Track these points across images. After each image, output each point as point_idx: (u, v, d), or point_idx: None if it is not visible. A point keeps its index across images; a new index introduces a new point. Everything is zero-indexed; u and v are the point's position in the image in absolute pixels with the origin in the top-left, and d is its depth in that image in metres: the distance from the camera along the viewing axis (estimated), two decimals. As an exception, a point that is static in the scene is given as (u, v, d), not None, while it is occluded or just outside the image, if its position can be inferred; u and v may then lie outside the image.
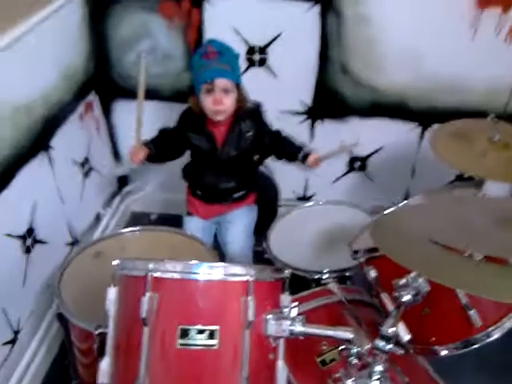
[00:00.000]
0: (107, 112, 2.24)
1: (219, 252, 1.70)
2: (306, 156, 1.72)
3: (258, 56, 2.04)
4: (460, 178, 2.12)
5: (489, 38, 1.86)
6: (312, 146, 2.16)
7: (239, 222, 1.82)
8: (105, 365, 0.98)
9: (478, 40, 1.87)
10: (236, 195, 1.80)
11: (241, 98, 1.65)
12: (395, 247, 1.01)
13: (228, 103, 1.60)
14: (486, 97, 1.98)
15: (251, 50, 2.03)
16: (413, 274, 1.00)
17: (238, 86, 1.63)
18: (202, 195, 1.81)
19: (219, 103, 1.58)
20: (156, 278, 0.91)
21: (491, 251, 0.96)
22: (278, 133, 1.78)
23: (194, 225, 1.82)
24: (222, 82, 1.56)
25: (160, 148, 1.73)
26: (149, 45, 2.06)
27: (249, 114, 1.70)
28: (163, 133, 1.77)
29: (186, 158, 1.82)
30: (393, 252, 0.98)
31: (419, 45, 1.91)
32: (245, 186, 1.81)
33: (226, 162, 1.71)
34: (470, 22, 1.84)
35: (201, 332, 0.90)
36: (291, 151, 1.76)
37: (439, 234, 1.00)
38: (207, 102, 1.59)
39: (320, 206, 1.88)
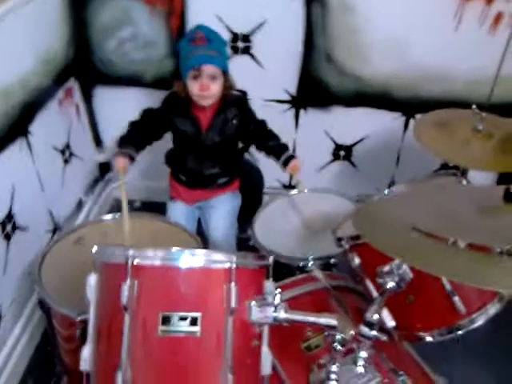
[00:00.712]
0: (88, 98, 2.20)
1: (203, 238, 1.69)
2: (287, 160, 1.72)
3: (241, 44, 2.02)
4: (445, 166, 2.12)
5: (472, 29, 1.86)
6: (297, 134, 2.18)
7: (222, 208, 1.81)
8: (87, 352, 0.97)
9: (462, 31, 1.87)
10: (220, 181, 1.79)
11: (227, 85, 1.64)
12: (377, 235, 1.00)
13: (214, 89, 1.59)
14: (469, 87, 1.98)
15: (235, 38, 2.00)
16: (397, 261, 1.00)
17: (225, 72, 1.62)
18: (185, 180, 1.80)
19: (206, 89, 1.57)
20: (136, 265, 0.90)
21: (475, 239, 0.96)
22: (263, 123, 1.77)
23: (178, 210, 1.82)
24: (209, 69, 1.55)
25: (138, 141, 1.71)
26: (130, 31, 2.03)
27: (235, 101, 1.70)
28: (147, 112, 1.75)
29: (169, 143, 1.80)
30: (375, 239, 0.97)
31: (403, 35, 1.91)
32: (229, 172, 1.81)
33: (210, 147, 1.70)
34: (454, 13, 1.84)
35: (183, 319, 0.89)
36: (273, 147, 1.76)
37: (422, 222, 1.00)
38: (193, 88, 1.58)
39: (305, 194, 1.88)
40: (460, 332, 1.16)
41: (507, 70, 1.88)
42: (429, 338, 1.18)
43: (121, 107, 2.22)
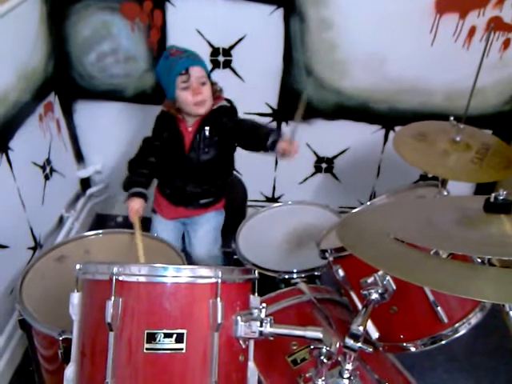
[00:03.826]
0: (68, 113, 2.19)
1: (186, 253, 1.68)
2: (274, 143, 1.51)
3: (222, 58, 2.03)
4: (424, 177, 2.16)
5: (447, 42, 1.90)
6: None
7: (206, 224, 1.79)
8: (70, 372, 0.95)
9: (438, 45, 1.91)
10: (202, 201, 1.76)
11: (215, 89, 1.62)
12: (361, 246, 1.01)
13: (206, 93, 1.57)
14: (446, 99, 2.02)
15: (215, 52, 2.02)
16: (380, 273, 1.01)
17: (209, 77, 1.61)
18: (168, 194, 1.77)
19: (199, 92, 1.55)
20: (121, 281, 0.89)
21: (456, 249, 0.98)
22: (241, 120, 1.68)
23: (162, 224, 1.80)
24: (196, 71, 1.54)
25: (145, 175, 1.67)
26: (111, 45, 2.03)
27: (218, 114, 1.64)
28: (147, 141, 1.72)
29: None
30: (359, 251, 0.98)
31: (381, 49, 1.94)
32: (213, 193, 1.77)
33: (194, 167, 1.67)
34: (430, 28, 1.88)
35: (168, 336, 0.88)
36: (257, 134, 1.57)
37: (405, 233, 1.01)
38: (187, 97, 1.55)
39: (288, 207, 1.88)
40: (443, 342, 1.17)
41: (483, 83, 1.93)
42: (412, 349, 1.19)
43: (102, 122, 2.21)
